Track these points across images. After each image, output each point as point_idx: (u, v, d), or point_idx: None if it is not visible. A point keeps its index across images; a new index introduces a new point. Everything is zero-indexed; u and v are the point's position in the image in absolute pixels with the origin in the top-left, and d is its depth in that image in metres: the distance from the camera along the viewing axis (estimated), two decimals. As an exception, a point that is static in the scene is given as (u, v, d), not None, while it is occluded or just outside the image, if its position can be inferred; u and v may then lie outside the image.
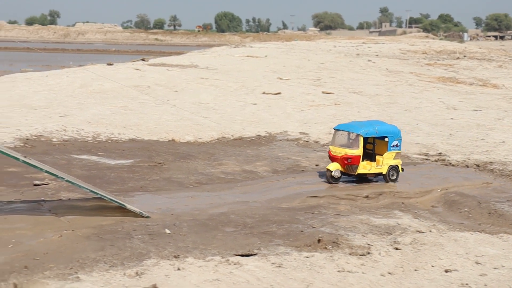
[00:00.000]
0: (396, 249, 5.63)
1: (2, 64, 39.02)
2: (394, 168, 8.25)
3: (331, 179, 8.02)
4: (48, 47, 72.02)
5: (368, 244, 5.72)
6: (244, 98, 15.62)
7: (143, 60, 25.22)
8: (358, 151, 7.98)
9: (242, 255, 5.37)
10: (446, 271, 5.17)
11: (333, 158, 8.14)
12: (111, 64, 22.58)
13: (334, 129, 8.45)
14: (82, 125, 11.49)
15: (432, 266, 5.27)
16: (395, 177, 8.26)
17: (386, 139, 8.27)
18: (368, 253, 5.49)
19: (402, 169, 8.38)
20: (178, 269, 4.99)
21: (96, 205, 6.82)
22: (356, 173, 8.08)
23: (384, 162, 8.21)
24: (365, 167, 8.12)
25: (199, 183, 8.11)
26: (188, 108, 14.02)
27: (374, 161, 8.21)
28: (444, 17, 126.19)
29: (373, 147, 8.32)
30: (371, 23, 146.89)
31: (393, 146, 8.23)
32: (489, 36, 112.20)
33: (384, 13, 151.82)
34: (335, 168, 8.03)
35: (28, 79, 17.20)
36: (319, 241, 5.70)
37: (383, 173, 8.19)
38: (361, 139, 7.99)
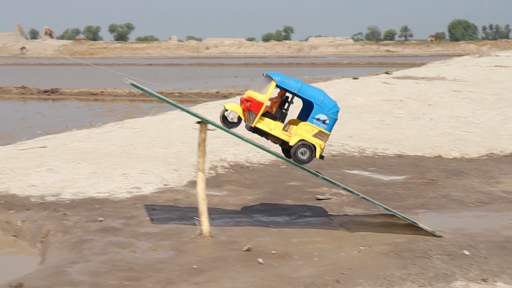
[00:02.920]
0: None
1: (243, 79, 41.57)
2: (308, 146, 6.35)
3: (222, 120, 6.41)
4: (284, 61, 75.36)
5: None
6: (505, 112, 14.87)
7: (387, 73, 25.27)
8: (263, 97, 6.25)
9: (556, 284, 5.06)
10: None
11: (240, 101, 6.51)
12: (356, 78, 22.92)
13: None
14: (345, 140, 11.75)
15: None
16: (305, 157, 6.35)
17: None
18: None
19: (322, 157, 6.50)
20: (491, 294, 4.85)
21: (384, 222, 6.91)
22: (253, 125, 6.33)
23: (296, 132, 6.35)
24: (268, 124, 6.37)
25: (481, 202, 7.84)
26: (445, 123, 13.71)
27: (283, 122, 6.47)
28: None
29: (288, 106, 6.52)
30: None
31: (317, 119, 6.35)
32: None
33: None
34: (232, 109, 6.37)
35: (285, 95, 18.08)
36: None
37: (290, 144, 6.35)
38: (272, 85, 6.25)
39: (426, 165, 9.88)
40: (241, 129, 6.58)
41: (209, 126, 6.47)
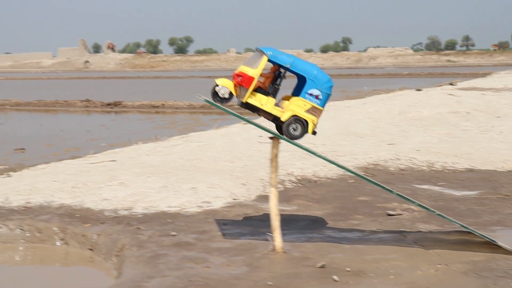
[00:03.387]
0: None
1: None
2: (301, 122, 6.23)
3: (213, 96, 6.23)
4: (342, 73, 74.96)
5: None
6: None
7: (451, 84, 24.82)
8: (254, 72, 6.13)
9: None
10: None
11: (232, 77, 6.34)
12: (420, 90, 22.57)
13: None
14: (412, 153, 11.56)
15: None
16: (297, 132, 6.23)
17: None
18: None
19: (315, 132, 6.33)
20: None
21: (459, 239, 6.72)
22: (244, 100, 6.20)
23: (288, 107, 6.24)
24: (260, 99, 6.24)
25: (561, 219, 7.55)
26: (516, 135, 13.34)
27: (274, 97, 6.33)
28: None
29: (279, 81, 6.34)
30: None
31: (310, 94, 6.22)
32: None
33: None
34: (223, 84, 6.22)
35: (348, 108, 17.98)
36: None
37: (282, 119, 6.23)
38: (264, 60, 6.12)
39: (499, 180, 9.61)
40: (305, 142, 6.55)
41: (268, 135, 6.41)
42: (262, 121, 6.64)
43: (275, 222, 6.27)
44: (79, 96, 36.20)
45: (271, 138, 6.39)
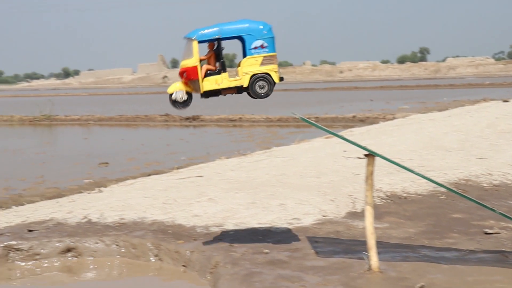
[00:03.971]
0: None
1: (379, 102, 40.86)
2: (263, 78, 6.25)
3: (173, 104, 6.34)
4: (420, 83, 73.49)
5: None
6: None
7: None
8: (193, 60, 6.20)
9: None
10: None
11: (180, 76, 6.36)
12: (507, 101, 21.84)
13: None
14: (505, 168, 11.15)
15: None
16: (265, 89, 6.28)
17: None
18: None
19: (282, 78, 6.36)
20: None
21: None
22: (202, 91, 6.22)
23: (243, 71, 6.25)
24: (215, 81, 6.24)
25: None
26: None
27: (225, 71, 6.31)
28: None
29: (221, 54, 6.33)
30: None
31: (255, 48, 6.23)
32: None
33: None
34: (175, 89, 6.29)
35: (432, 120, 17.58)
36: None
37: (244, 86, 6.25)
38: (195, 44, 6.19)
39: None
40: (394, 157, 6.39)
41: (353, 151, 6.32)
42: (346, 134, 6.55)
43: (371, 240, 6.14)
44: (158, 110, 36.91)
45: (366, 155, 6.27)
